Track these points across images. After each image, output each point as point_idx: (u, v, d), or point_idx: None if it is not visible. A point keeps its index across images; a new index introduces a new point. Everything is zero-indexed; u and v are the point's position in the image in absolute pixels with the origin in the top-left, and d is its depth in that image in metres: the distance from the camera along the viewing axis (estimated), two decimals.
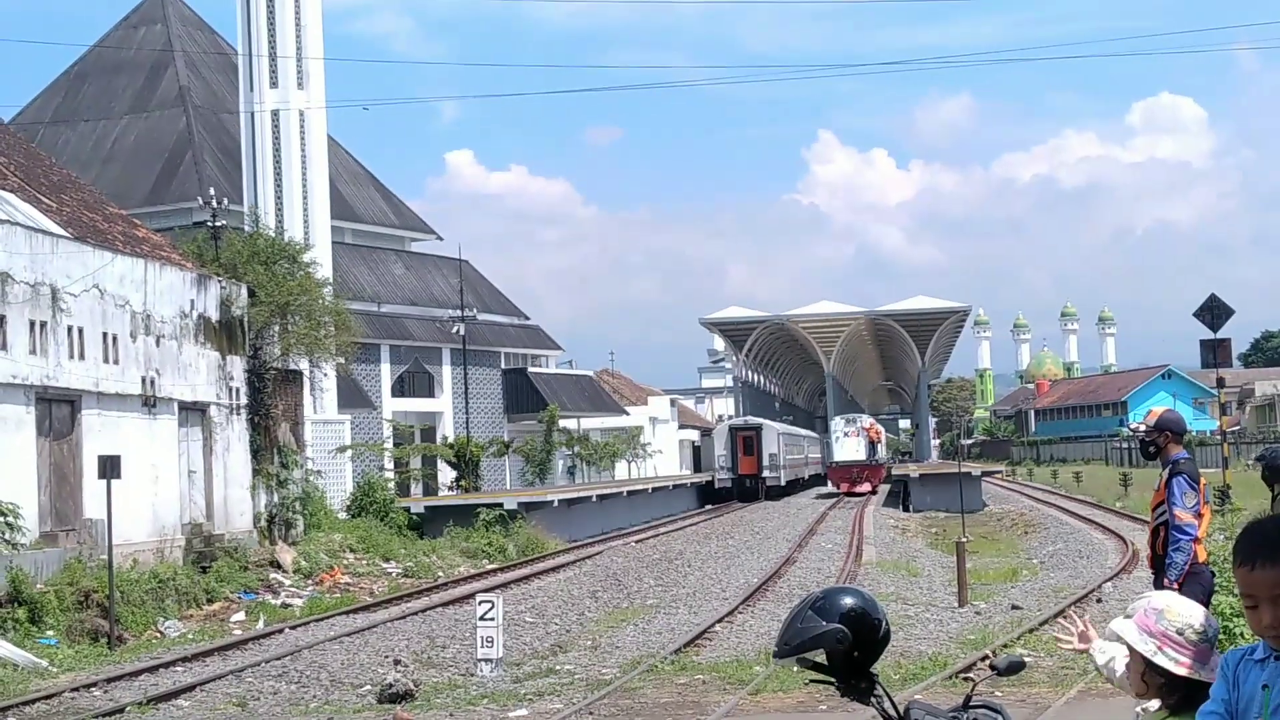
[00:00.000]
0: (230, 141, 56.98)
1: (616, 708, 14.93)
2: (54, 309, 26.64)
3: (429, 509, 43.82)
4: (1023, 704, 12.83)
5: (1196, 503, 10.03)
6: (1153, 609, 4.19)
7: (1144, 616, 4.19)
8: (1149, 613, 4.20)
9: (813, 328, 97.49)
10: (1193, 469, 10.23)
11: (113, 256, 29.21)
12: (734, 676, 16.23)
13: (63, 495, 26.71)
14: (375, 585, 32.15)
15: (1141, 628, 4.15)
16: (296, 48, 47.44)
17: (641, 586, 29.78)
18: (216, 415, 32.59)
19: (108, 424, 27.96)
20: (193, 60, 65.26)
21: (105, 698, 17.52)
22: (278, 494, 35.44)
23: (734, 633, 21.18)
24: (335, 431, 46.81)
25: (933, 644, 18.49)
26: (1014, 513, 51.69)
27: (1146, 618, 4.18)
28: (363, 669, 19.18)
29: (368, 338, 53.26)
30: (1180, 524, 10.09)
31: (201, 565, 29.37)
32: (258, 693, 17.67)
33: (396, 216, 70.85)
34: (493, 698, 15.97)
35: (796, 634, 4.65)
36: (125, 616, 24.03)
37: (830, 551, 35.94)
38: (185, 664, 20.34)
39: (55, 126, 63.14)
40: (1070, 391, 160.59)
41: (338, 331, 39.58)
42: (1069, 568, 30.47)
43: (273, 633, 23.71)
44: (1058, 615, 20.91)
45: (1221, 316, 26.04)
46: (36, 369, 26.05)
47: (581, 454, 71.58)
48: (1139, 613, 4.24)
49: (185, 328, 31.42)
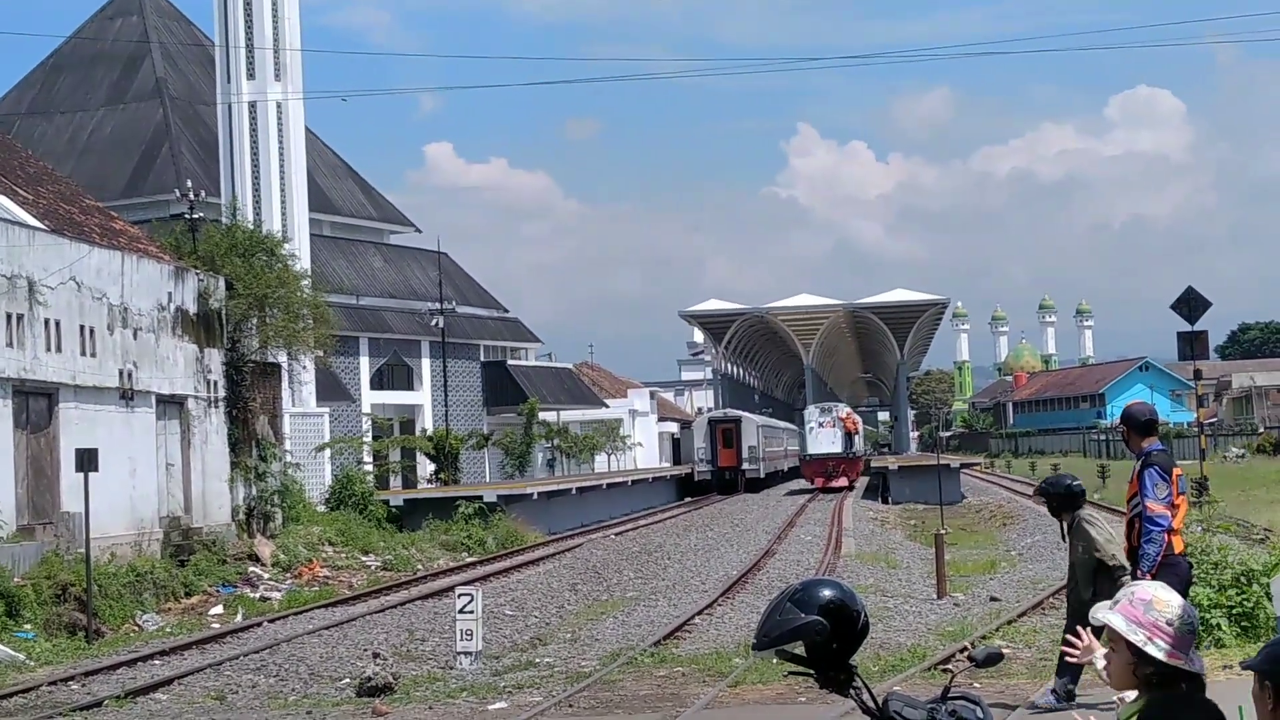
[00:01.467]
0: (208, 133, 56.78)
1: (596, 700, 14.93)
2: (31, 301, 26.53)
3: (408, 502, 43.77)
4: (1001, 695, 12.87)
5: (1169, 494, 10.09)
6: (1140, 600, 4.19)
7: (1130, 607, 4.19)
8: (1136, 603, 4.19)
9: (792, 320, 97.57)
10: (1165, 460, 10.28)
11: (90, 249, 29.09)
12: (713, 669, 16.24)
13: (40, 488, 26.61)
14: (354, 578, 32.12)
15: (1130, 619, 4.15)
16: (274, 39, 47.27)
17: (621, 579, 29.79)
18: (194, 408, 32.50)
19: (85, 417, 27.86)
20: (169, 52, 65.00)
21: (83, 691, 17.46)
22: (256, 487, 35.37)
23: (713, 625, 21.19)
24: (314, 424, 46.71)
25: (911, 636, 18.53)
26: (992, 505, 51.82)
27: (1134, 608, 4.18)
28: (342, 662, 19.15)
29: (346, 330, 53.13)
30: (1152, 515, 10.18)
31: (179, 558, 29.30)
32: (236, 686, 17.63)
33: (375, 209, 70.68)
34: (472, 690, 15.96)
35: (775, 626, 4.66)
36: (103, 610, 23.95)
37: (809, 544, 35.98)
38: (163, 657, 20.29)
39: (31, 118, 62.83)
40: (1048, 384, 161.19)
41: (316, 324, 39.49)
42: (1047, 559, 30.52)
43: (251, 626, 23.64)
44: (1036, 607, 21.01)
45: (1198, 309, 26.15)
46: (13, 362, 25.95)
47: (561, 447, 71.55)
48: (1124, 603, 4.23)
49: (163, 320, 31.31)
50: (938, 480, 43.71)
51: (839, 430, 68.33)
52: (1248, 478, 45.61)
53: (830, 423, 68.72)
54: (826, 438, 68.24)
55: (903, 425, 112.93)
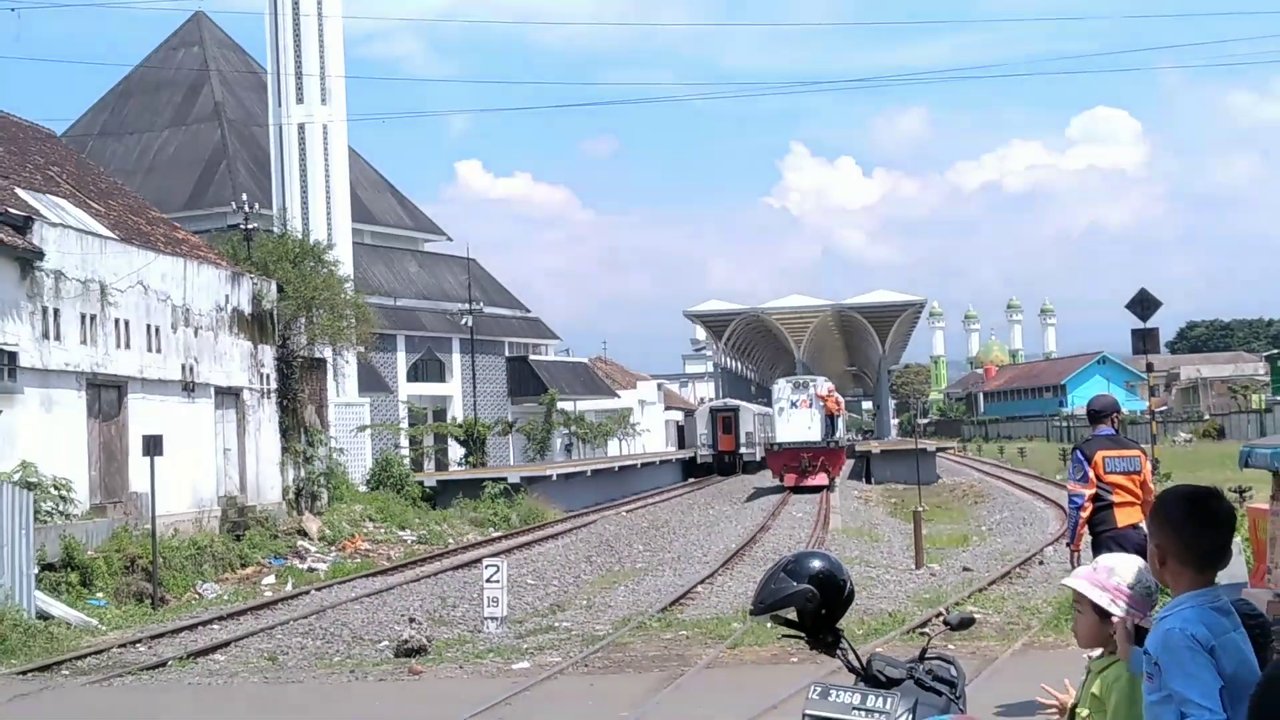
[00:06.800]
0: (260, 152, 56.77)
1: (609, 660, 14.93)
2: (103, 303, 26.56)
3: (440, 483, 43.81)
4: (973, 656, 12.85)
5: (1084, 475, 10.08)
6: (1104, 568, 4.25)
7: (1095, 574, 4.25)
8: (1100, 570, 4.26)
9: (784, 319, 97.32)
10: (1088, 446, 10.26)
11: (155, 256, 29.11)
12: (714, 632, 16.23)
13: (111, 471, 26.66)
14: (392, 551, 32.14)
15: (1094, 584, 4.20)
16: (320, 67, 47.27)
17: (631, 552, 29.79)
18: (249, 399, 32.52)
19: (151, 407, 27.89)
20: (226, 79, 65.02)
21: (149, 653, 17.50)
22: (304, 469, 35.40)
23: (714, 593, 21.18)
24: (356, 413, 46.75)
25: (892, 602, 18.51)
26: (965, 485, 51.76)
27: (1098, 574, 4.24)
28: (381, 626, 19.17)
29: (385, 329, 53.12)
30: (1070, 494, 10.31)
31: (235, 534, 29.34)
32: (286, 648, 17.65)
33: (411, 219, 70.66)
34: (498, 652, 15.97)
35: (770, 593, 4.65)
36: (167, 580, 24.01)
37: (800, 520, 35.95)
38: (221, 622, 20.33)
39: (103, 139, 62.88)
40: (1015, 376, 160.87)
41: (358, 323, 39.53)
42: (1014, 533, 30.52)
43: (300, 594, 23.68)
44: (1004, 576, 20.98)
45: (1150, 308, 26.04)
46: (87, 357, 25.98)
47: (577, 433, 71.52)
48: (1089, 571, 4.31)
49: (221, 320, 31.33)
50: (916, 463, 43.64)
51: (818, 412, 49.41)
52: (1195, 459, 45.52)
53: (806, 401, 49.77)
54: (801, 421, 49.22)
55: (884, 414, 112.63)
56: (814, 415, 49.04)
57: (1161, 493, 3.93)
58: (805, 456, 47.60)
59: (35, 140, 33.97)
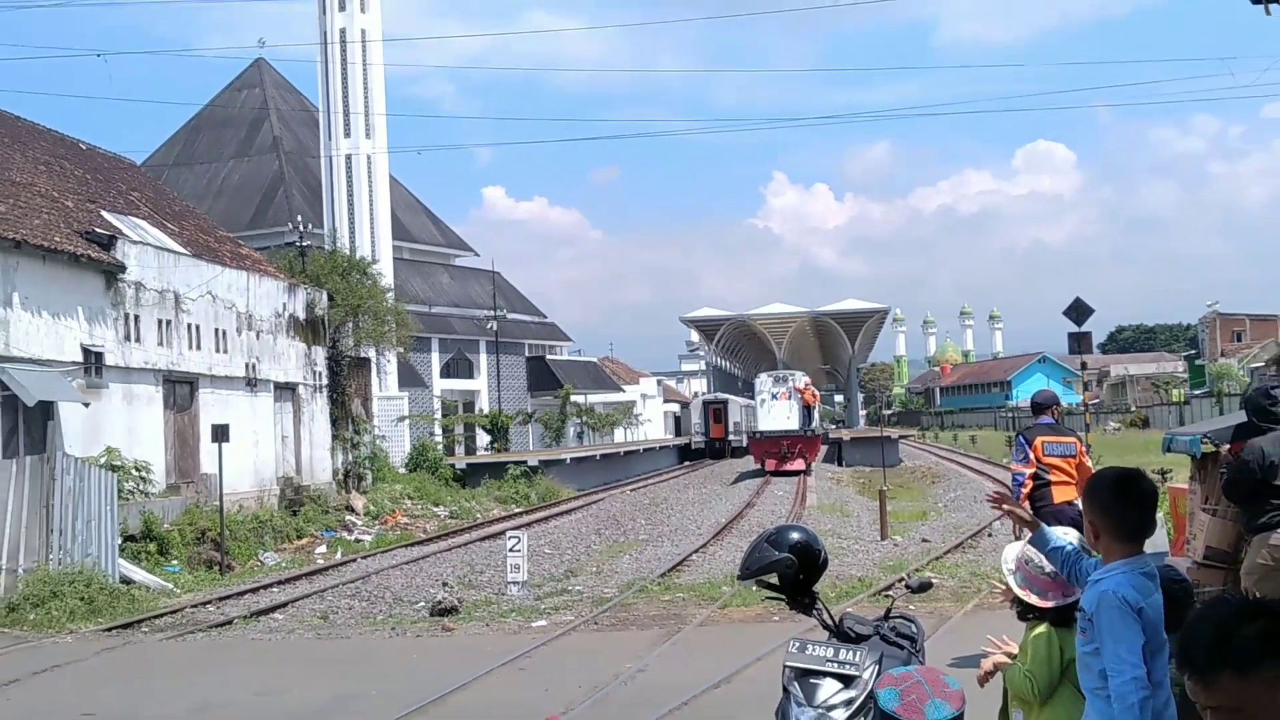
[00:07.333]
0: (313, 180, 56.83)
1: (615, 619, 14.93)
2: (176, 310, 26.58)
3: (469, 465, 43.78)
4: (931, 615, 12.84)
5: (1025, 457, 10.07)
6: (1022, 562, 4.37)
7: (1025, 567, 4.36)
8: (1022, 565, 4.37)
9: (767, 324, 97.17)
10: (1030, 432, 10.26)
11: (222, 269, 29.13)
12: (707, 594, 16.23)
13: (184, 455, 26.68)
14: (427, 524, 32.16)
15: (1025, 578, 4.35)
16: (365, 106, 47.29)
17: (635, 525, 29.76)
18: (304, 393, 32.54)
19: (219, 400, 27.91)
20: (284, 116, 65.03)
21: (218, 612, 17.51)
22: (351, 454, 35.42)
23: (706, 561, 21.17)
24: (396, 405, 46.78)
25: (860, 569, 18.49)
26: (924, 467, 51.67)
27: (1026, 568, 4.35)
28: (418, 590, 19.17)
29: (421, 332, 53.15)
30: (1013, 473, 10.31)
31: (292, 509, 29.36)
32: (337, 608, 17.66)
33: (443, 237, 70.68)
34: (519, 611, 15.97)
35: (755, 561, 4.67)
36: (233, 549, 24.03)
37: (781, 498, 35.91)
38: (280, 586, 20.34)
39: (176, 168, 62.92)
40: (967, 373, 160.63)
41: (398, 327, 39.55)
42: (966, 510, 30.45)
43: (348, 562, 23.69)
44: (958, 546, 20.96)
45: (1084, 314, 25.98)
46: (163, 357, 26.01)
47: (588, 423, 71.52)
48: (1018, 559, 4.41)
49: (279, 325, 31.35)
50: (881, 448, 43.56)
51: (796, 403, 47.82)
52: (1123, 446, 45.48)
53: (786, 394, 48.29)
54: (781, 411, 47.94)
55: (853, 406, 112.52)
56: (792, 406, 47.80)
57: (1093, 475, 3.94)
58: (785, 444, 46.48)
59: (118, 169, 33.99)
